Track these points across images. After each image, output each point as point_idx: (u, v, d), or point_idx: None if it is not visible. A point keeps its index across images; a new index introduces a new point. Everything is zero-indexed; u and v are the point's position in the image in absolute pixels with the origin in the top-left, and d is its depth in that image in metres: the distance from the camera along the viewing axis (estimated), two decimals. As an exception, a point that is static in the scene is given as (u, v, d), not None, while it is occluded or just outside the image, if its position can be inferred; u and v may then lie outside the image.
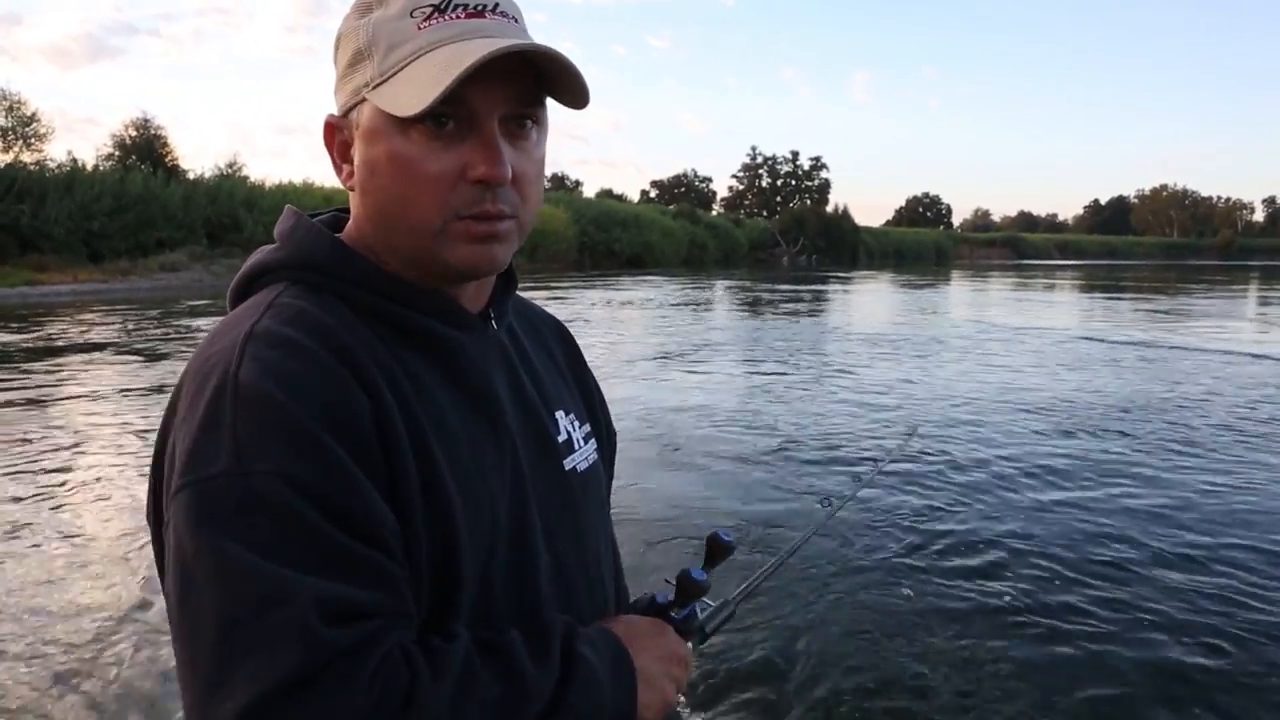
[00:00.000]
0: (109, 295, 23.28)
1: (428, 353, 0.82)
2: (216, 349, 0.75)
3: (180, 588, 0.67)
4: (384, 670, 0.66)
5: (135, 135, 36.54)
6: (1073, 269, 56.63)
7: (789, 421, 7.64)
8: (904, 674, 3.22)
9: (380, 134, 0.78)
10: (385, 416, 0.74)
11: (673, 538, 4.50)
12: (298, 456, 0.68)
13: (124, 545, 4.44)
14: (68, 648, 3.32)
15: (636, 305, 21.43)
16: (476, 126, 0.77)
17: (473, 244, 0.79)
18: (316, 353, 0.73)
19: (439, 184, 0.77)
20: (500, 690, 0.72)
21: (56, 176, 29.25)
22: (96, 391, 8.97)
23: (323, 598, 0.65)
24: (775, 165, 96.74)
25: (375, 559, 0.70)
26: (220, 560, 0.65)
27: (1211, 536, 4.59)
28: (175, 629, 0.68)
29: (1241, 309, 22.79)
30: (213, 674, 0.63)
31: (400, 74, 0.76)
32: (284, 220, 0.88)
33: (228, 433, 0.68)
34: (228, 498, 0.66)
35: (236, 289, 0.86)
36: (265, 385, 0.69)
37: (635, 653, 0.85)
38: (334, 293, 0.80)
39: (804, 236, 64.55)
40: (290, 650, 0.63)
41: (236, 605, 0.64)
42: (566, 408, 0.98)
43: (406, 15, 0.77)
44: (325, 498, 0.68)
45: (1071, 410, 8.00)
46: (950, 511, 5.00)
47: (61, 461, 6.18)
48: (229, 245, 31.50)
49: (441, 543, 0.76)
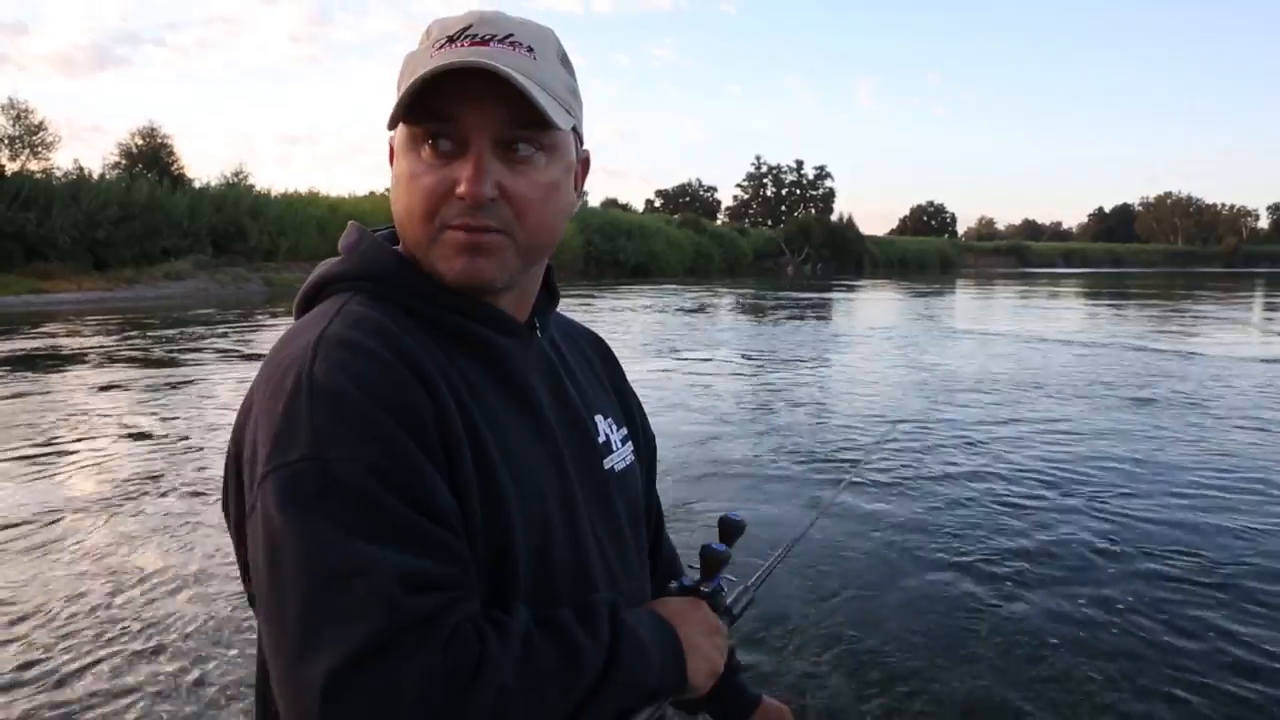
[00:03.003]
0: (113, 304, 23.32)
1: (479, 357, 0.89)
2: (289, 352, 0.81)
3: (269, 563, 0.72)
4: (458, 637, 0.72)
5: (142, 144, 36.74)
6: (1077, 277, 56.56)
7: (787, 418, 7.97)
8: (909, 666, 3.26)
9: (400, 152, 0.87)
10: (444, 414, 0.80)
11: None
12: (370, 444, 0.74)
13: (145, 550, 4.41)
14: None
15: (644, 312, 21.49)
16: (466, 146, 0.83)
17: (460, 255, 0.85)
18: (382, 354, 0.79)
19: (431, 197, 0.84)
20: (558, 660, 0.78)
21: (63, 185, 29.40)
22: (89, 401, 8.95)
23: (403, 569, 0.71)
24: (780, 174, 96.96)
25: (445, 538, 0.75)
26: (306, 537, 0.71)
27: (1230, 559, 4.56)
28: (264, 602, 0.73)
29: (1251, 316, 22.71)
30: (302, 640, 0.69)
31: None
32: (349, 235, 0.95)
33: (306, 423, 0.74)
34: (310, 481, 0.72)
35: (304, 298, 0.93)
36: (339, 380, 0.76)
37: (679, 625, 0.92)
38: (394, 301, 0.87)
39: (809, 245, 64.56)
40: (373, 617, 0.68)
41: (322, 576, 0.70)
42: (605, 412, 1.05)
43: (431, 47, 0.85)
44: (397, 481, 0.74)
45: (1049, 392, 8.08)
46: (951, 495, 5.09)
47: (67, 467, 6.15)
48: (234, 254, 31.61)
49: (499, 534, 0.82)
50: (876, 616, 3.74)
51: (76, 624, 3.65)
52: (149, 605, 3.83)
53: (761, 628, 3.53)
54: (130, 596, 3.94)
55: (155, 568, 4.27)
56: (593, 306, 22.89)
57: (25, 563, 4.36)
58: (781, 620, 3.65)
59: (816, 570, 4.16)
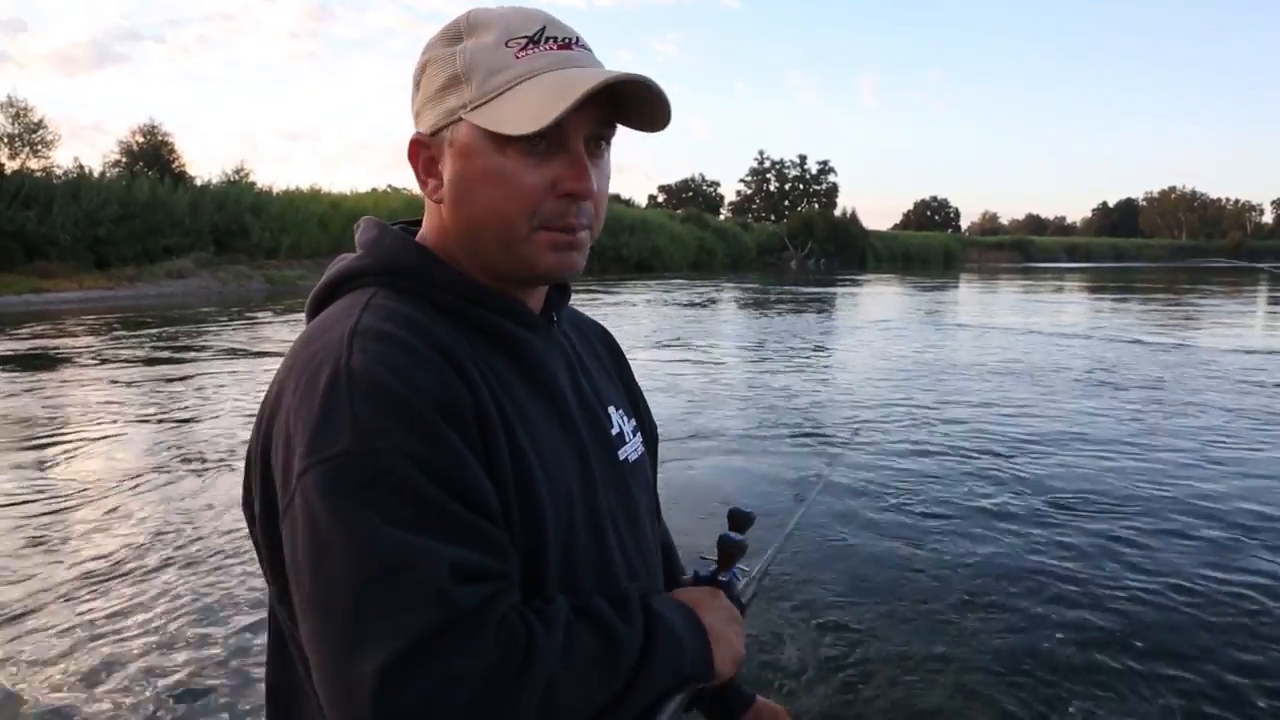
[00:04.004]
0: (114, 302, 23.26)
1: (503, 351, 0.89)
2: (319, 345, 0.80)
3: (315, 559, 0.71)
4: (507, 625, 0.72)
5: (142, 141, 36.69)
6: (1081, 272, 56.41)
7: (786, 406, 8.36)
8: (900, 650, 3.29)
9: (477, 151, 0.84)
10: (481, 407, 0.80)
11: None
12: (413, 436, 0.73)
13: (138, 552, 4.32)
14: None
15: (648, 306, 21.46)
16: (566, 146, 0.84)
17: (557, 251, 0.87)
18: (419, 346, 0.79)
19: (531, 196, 0.84)
20: (599, 647, 0.78)
21: (63, 183, 29.28)
22: (90, 399, 8.86)
23: (452, 561, 0.71)
24: (783, 169, 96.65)
25: (489, 529, 0.76)
26: (353, 529, 0.70)
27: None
28: (306, 600, 0.72)
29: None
30: (350, 635, 0.68)
31: (504, 96, 0.83)
32: (367, 230, 0.94)
33: (347, 415, 0.73)
34: (355, 473, 0.72)
35: (320, 294, 0.92)
36: (378, 372, 0.75)
37: (703, 614, 0.92)
38: (420, 295, 0.87)
39: (812, 240, 64.33)
40: (425, 609, 0.68)
41: (372, 569, 0.69)
42: (616, 404, 1.06)
43: (502, 45, 0.84)
44: (441, 473, 0.74)
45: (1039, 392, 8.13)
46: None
47: (67, 469, 6.07)
48: (236, 252, 31.54)
49: (533, 525, 0.82)
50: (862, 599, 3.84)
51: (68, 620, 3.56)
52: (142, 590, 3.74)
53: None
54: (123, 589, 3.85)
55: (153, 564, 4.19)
56: (599, 301, 22.82)
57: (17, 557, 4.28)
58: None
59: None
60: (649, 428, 1.15)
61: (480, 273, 0.90)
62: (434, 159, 0.89)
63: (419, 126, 0.89)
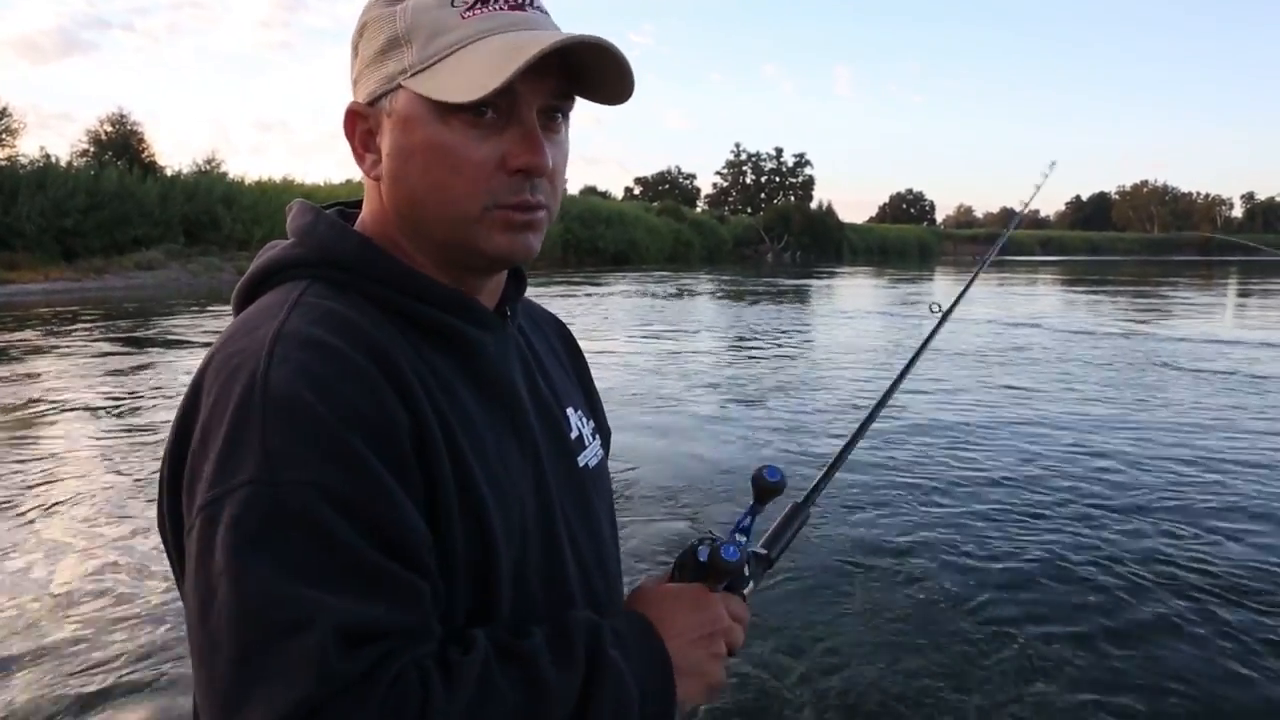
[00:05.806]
0: (82, 294, 22.87)
1: (452, 353, 0.81)
2: (239, 348, 0.72)
3: (201, 604, 0.66)
4: (396, 691, 0.66)
5: (111, 131, 36.04)
6: (1055, 264, 56.91)
7: (764, 391, 8.53)
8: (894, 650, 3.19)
9: (417, 121, 0.77)
10: (420, 420, 0.73)
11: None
12: (330, 465, 0.67)
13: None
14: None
15: (624, 298, 21.39)
16: (517, 117, 0.77)
17: (509, 233, 0.79)
18: (349, 355, 0.71)
19: (479, 172, 0.77)
20: (522, 697, 0.71)
21: (28, 172, 28.72)
22: (57, 397, 8.66)
23: (342, 623, 0.64)
24: (759, 162, 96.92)
25: (402, 575, 0.69)
26: (242, 580, 0.64)
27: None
28: (195, 642, 0.67)
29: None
30: (230, 695, 0.64)
31: (446, 61, 0.75)
32: (299, 215, 0.85)
33: (256, 439, 0.66)
34: (255, 510, 0.65)
35: (247, 287, 0.83)
36: (297, 389, 0.68)
37: (670, 638, 0.82)
38: (359, 291, 0.79)
39: (788, 233, 64.55)
40: (305, 680, 0.63)
41: (257, 630, 0.64)
42: (575, 404, 0.99)
43: (448, 4, 0.76)
44: (357, 509, 0.67)
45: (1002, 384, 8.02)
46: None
47: (38, 472, 5.90)
48: (207, 243, 31.13)
49: (479, 542, 0.76)
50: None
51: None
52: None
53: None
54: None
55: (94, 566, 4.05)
56: (575, 295, 22.71)
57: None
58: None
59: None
60: (606, 429, 1.08)
61: (427, 261, 0.82)
62: (371, 131, 0.81)
63: (356, 95, 0.82)
